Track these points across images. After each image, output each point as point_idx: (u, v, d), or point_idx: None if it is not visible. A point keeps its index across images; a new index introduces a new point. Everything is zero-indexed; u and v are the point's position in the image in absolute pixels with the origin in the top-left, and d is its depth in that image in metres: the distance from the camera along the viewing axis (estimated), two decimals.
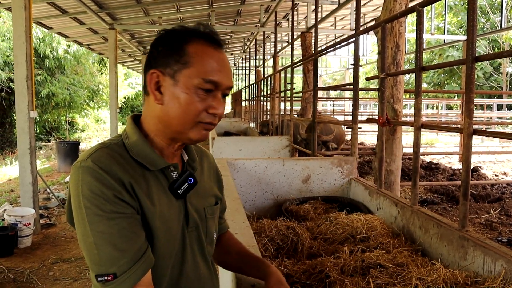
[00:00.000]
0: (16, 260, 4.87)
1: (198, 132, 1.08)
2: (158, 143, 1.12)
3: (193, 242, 1.16)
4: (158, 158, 1.09)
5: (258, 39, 15.18)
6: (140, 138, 1.09)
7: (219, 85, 1.07)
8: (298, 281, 1.90)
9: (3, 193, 8.76)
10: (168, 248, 1.08)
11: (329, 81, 36.16)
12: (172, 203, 1.11)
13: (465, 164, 2.12)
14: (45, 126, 20.02)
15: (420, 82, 2.58)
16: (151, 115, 1.10)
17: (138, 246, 0.98)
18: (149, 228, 1.03)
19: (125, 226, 0.97)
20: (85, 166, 0.99)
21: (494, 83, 23.18)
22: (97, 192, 0.96)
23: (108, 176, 0.98)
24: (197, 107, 1.05)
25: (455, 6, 23.18)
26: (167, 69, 1.06)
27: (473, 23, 2.08)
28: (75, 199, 0.99)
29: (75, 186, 0.99)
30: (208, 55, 1.06)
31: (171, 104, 1.05)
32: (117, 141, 1.09)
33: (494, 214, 5.88)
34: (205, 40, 1.08)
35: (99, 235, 0.95)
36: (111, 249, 0.95)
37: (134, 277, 0.96)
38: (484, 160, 11.32)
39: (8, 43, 14.96)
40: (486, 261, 1.85)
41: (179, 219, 1.12)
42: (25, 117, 5.60)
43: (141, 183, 1.04)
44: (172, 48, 1.07)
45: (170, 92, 1.05)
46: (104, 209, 0.96)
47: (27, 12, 5.57)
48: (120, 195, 0.98)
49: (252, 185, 3.47)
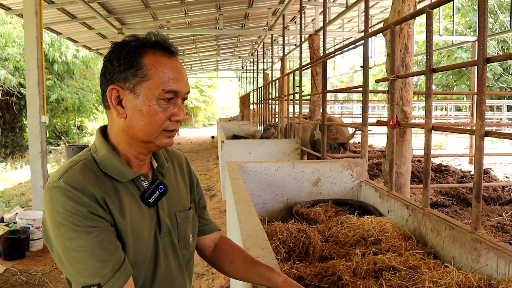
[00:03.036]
0: (28, 262, 4.92)
1: (163, 139, 1.11)
2: (126, 154, 1.15)
3: (167, 246, 1.19)
4: (127, 170, 1.12)
5: (266, 42, 15.20)
6: (109, 152, 1.12)
7: (178, 93, 1.10)
8: (310, 284, 1.91)
9: (14, 196, 8.85)
10: (140, 256, 1.11)
11: (337, 84, 36.07)
12: (143, 211, 1.14)
13: (477, 166, 2.11)
14: (55, 130, 20.20)
15: (431, 84, 2.58)
16: (116, 127, 1.13)
17: (117, 255, 1.02)
18: (121, 240, 1.07)
19: (103, 238, 1.01)
20: (57, 187, 1.01)
21: (504, 84, 22.99)
22: (72, 211, 0.99)
23: (81, 194, 1.01)
24: (160, 118, 1.08)
25: (463, 7, 23.03)
26: (126, 84, 1.08)
27: (484, 24, 2.07)
28: (51, 219, 1.01)
29: (50, 207, 1.01)
30: (164, 66, 1.09)
31: (134, 117, 1.08)
32: (87, 156, 1.12)
33: (505, 216, 5.82)
34: (158, 50, 1.11)
35: (80, 249, 0.98)
36: (93, 261, 0.98)
37: (119, 283, 1.00)
38: (494, 162, 11.23)
39: (19, 49, 15.13)
40: (500, 263, 1.84)
41: (151, 226, 1.15)
42: (36, 122, 5.67)
43: (112, 197, 1.07)
44: (127, 62, 1.08)
45: (132, 105, 1.08)
46: (80, 225, 0.99)
47: (38, 18, 5.65)
48: (95, 211, 1.01)
49: (263, 188, 3.48)
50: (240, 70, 28.24)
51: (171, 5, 9.98)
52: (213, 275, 4.07)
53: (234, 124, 13.52)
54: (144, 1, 9.35)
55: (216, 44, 17.37)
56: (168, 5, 9.94)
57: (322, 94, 5.29)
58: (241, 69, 27.23)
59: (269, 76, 15.88)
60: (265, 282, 1.24)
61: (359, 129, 3.99)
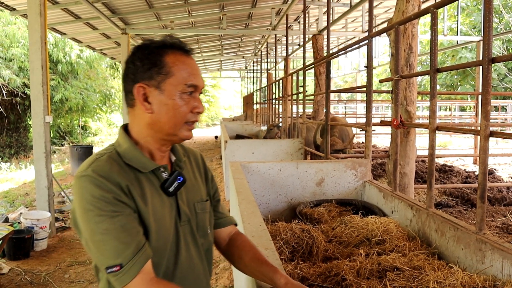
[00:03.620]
0: (33, 262, 4.94)
1: (186, 131, 1.23)
2: (149, 148, 1.25)
3: (187, 234, 1.28)
4: (148, 161, 1.23)
5: (269, 42, 15.18)
6: (131, 145, 1.22)
7: (198, 87, 1.23)
8: (314, 284, 1.90)
9: (19, 196, 8.88)
10: (162, 242, 1.20)
11: (341, 84, 36.01)
12: (164, 200, 1.23)
13: (482, 167, 2.10)
14: (59, 131, 20.27)
15: (435, 84, 2.57)
16: (141, 123, 1.23)
17: (138, 239, 1.11)
18: (144, 226, 1.16)
19: (126, 223, 1.10)
20: (85, 175, 1.12)
21: (509, 84, 22.87)
22: (98, 197, 1.09)
23: (107, 181, 1.11)
24: (184, 110, 1.20)
25: (468, 7, 22.93)
26: (151, 81, 1.19)
27: (489, 24, 2.06)
28: (80, 205, 1.11)
29: (79, 194, 1.11)
30: (183, 63, 1.22)
31: (161, 111, 1.20)
32: (111, 150, 1.22)
33: (510, 217, 5.79)
34: (177, 50, 1.23)
35: (104, 232, 1.08)
36: (116, 243, 1.07)
37: (137, 265, 1.08)
38: (499, 163, 11.17)
39: (23, 49, 15.19)
40: (505, 264, 1.83)
41: (171, 215, 1.24)
42: (40, 122, 5.68)
43: (135, 186, 1.17)
44: (150, 62, 1.20)
45: (158, 101, 1.19)
46: (106, 209, 1.09)
47: (43, 18, 5.66)
48: (119, 197, 1.11)
49: (266, 188, 3.48)
50: (243, 70, 28.24)
51: (174, 5, 9.99)
52: (217, 275, 4.07)
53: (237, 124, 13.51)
54: (148, 1, 9.36)
55: (219, 44, 17.38)
56: (171, 5, 9.95)
57: (326, 94, 5.28)
58: (244, 69, 27.22)
59: (272, 76, 15.91)
60: (269, 282, 1.29)
61: (362, 129, 3.98)
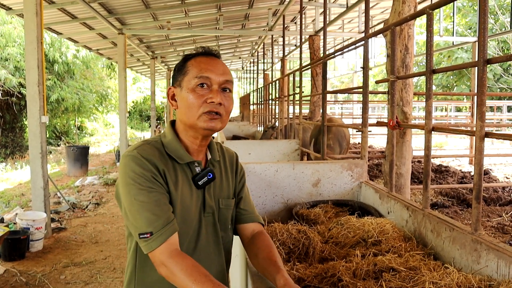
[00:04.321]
0: (28, 263, 4.92)
1: (204, 121, 1.34)
2: (184, 142, 1.42)
3: (208, 225, 1.42)
4: (185, 154, 1.40)
5: (266, 42, 15.20)
6: (173, 138, 1.41)
7: (211, 79, 1.35)
8: (311, 285, 1.90)
9: (14, 197, 8.84)
10: (185, 226, 1.35)
11: (337, 84, 36.06)
12: (193, 191, 1.39)
13: (478, 167, 2.10)
14: (55, 131, 20.20)
15: (431, 84, 2.57)
16: (177, 119, 1.45)
17: (168, 214, 1.28)
18: (172, 208, 1.32)
19: (160, 198, 1.28)
20: (131, 155, 1.31)
21: (504, 85, 22.97)
22: (139, 173, 1.28)
23: (148, 162, 1.30)
24: (198, 101, 1.34)
25: (464, 7, 23.02)
26: (176, 82, 1.41)
27: (484, 25, 2.07)
28: (123, 179, 1.30)
29: (123, 170, 1.31)
30: (199, 62, 1.38)
31: (181, 106, 1.38)
32: (157, 139, 1.42)
33: (506, 217, 5.82)
34: (201, 55, 1.41)
35: (141, 204, 1.26)
36: (149, 214, 1.25)
37: (165, 235, 1.24)
38: (494, 163, 11.22)
39: (19, 49, 15.13)
40: (500, 264, 1.84)
41: (197, 205, 1.39)
42: (36, 122, 5.66)
43: (171, 172, 1.35)
44: (179, 69, 1.41)
45: (180, 97, 1.39)
46: (144, 185, 1.27)
47: (39, 18, 5.64)
48: (156, 177, 1.30)
49: (262, 189, 3.48)
50: (240, 71, 28.23)
51: (171, 6, 9.97)
52: None
53: (234, 125, 13.49)
54: (144, 1, 9.34)
55: (216, 45, 17.36)
56: (168, 5, 9.93)
57: (322, 95, 5.29)
58: (241, 69, 27.22)
59: (269, 77, 15.88)
60: (272, 281, 1.39)
61: (359, 129, 3.99)
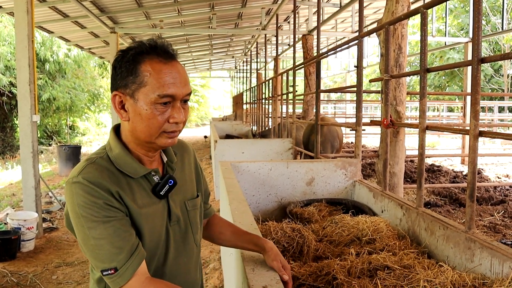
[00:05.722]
0: (19, 264, 4.86)
1: (164, 140, 1.20)
2: (135, 152, 1.25)
3: (176, 234, 1.32)
4: (139, 167, 1.23)
5: (259, 42, 15.18)
6: (122, 151, 1.22)
7: (175, 96, 1.17)
8: (305, 283, 1.90)
9: (5, 197, 8.75)
10: (154, 242, 1.24)
11: (330, 84, 36.14)
12: (155, 203, 1.25)
13: (471, 166, 2.11)
14: (46, 130, 20.03)
15: (425, 83, 2.58)
16: (125, 128, 1.24)
17: (131, 242, 1.14)
18: (136, 227, 1.19)
19: (118, 227, 1.13)
20: (76, 182, 1.13)
21: (495, 85, 23.18)
22: (90, 203, 1.11)
23: (97, 188, 1.13)
24: (158, 121, 1.16)
25: (456, 8, 23.19)
26: (127, 90, 1.17)
27: (478, 25, 2.08)
28: (72, 211, 1.14)
29: (71, 200, 1.14)
30: (159, 72, 1.15)
31: (136, 120, 1.18)
32: (102, 154, 1.22)
33: (497, 216, 5.86)
34: (155, 56, 1.17)
35: (98, 237, 1.11)
36: (110, 247, 1.11)
37: (132, 267, 1.12)
38: (486, 163, 11.30)
39: (9, 48, 14.98)
40: (494, 263, 1.84)
41: (163, 216, 1.27)
42: (27, 121, 5.60)
43: (126, 191, 1.18)
44: (127, 70, 1.17)
45: (133, 109, 1.17)
46: (98, 215, 1.11)
47: (29, 16, 5.58)
48: (110, 203, 1.13)
49: (256, 187, 3.47)
50: (233, 70, 28.20)
51: (164, 4, 9.93)
52: (207, 275, 4.05)
53: (227, 124, 13.48)
54: (137, 0, 9.30)
55: (209, 44, 17.33)
56: (161, 4, 9.89)
57: (316, 94, 5.29)
58: (234, 68, 27.19)
59: (262, 76, 15.88)
60: (252, 247, 1.43)
61: (352, 128, 3.99)
